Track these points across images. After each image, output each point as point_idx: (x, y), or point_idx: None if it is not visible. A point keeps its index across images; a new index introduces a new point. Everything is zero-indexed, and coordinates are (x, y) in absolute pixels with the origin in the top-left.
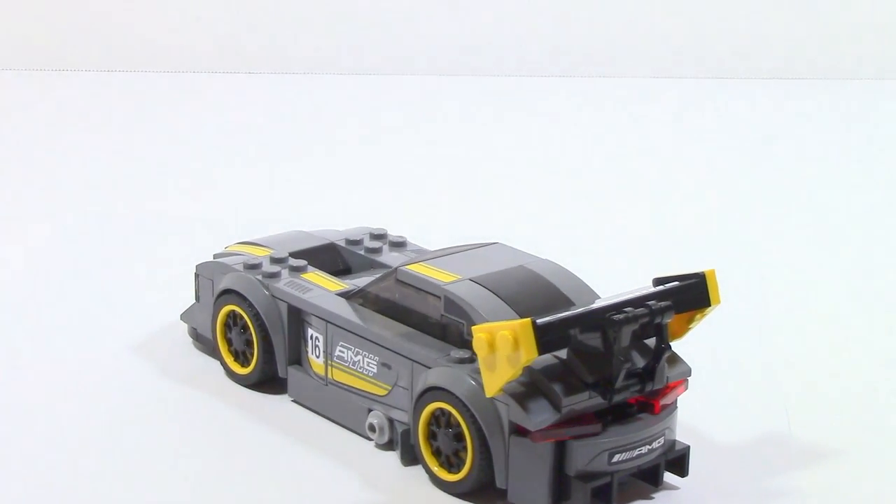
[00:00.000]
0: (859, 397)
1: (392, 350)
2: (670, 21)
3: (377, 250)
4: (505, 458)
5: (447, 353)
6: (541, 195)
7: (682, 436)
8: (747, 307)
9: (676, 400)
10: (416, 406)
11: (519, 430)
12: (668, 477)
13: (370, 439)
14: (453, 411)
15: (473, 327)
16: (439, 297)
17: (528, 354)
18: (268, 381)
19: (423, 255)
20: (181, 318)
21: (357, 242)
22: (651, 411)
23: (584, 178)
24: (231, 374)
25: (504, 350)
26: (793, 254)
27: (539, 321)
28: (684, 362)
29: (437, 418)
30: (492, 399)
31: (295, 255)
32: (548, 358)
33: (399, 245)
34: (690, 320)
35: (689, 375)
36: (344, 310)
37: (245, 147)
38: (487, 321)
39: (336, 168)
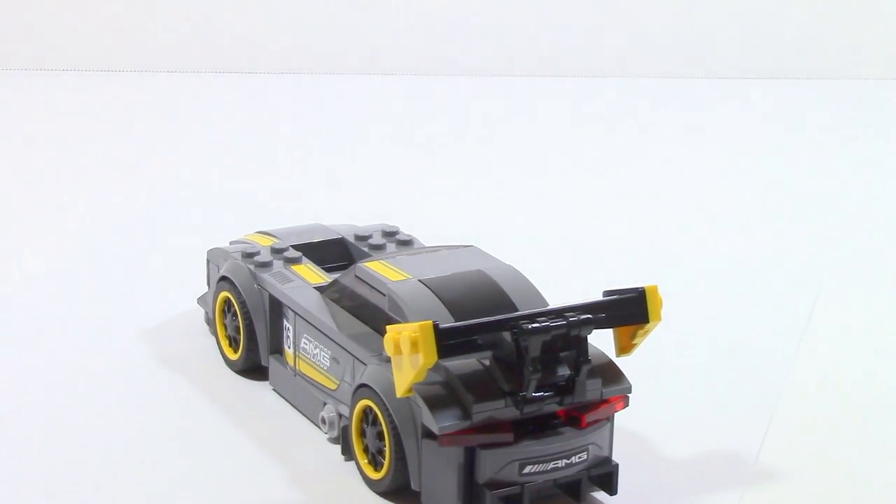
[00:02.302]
0: (853, 426)
1: (339, 345)
2: (670, 21)
3: (381, 247)
4: (418, 461)
5: (382, 351)
6: (544, 195)
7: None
8: (749, 315)
9: (612, 416)
10: (351, 402)
11: (431, 433)
12: (601, 494)
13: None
14: (377, 409)
15: (388, 327)
16: (385, 295)
17: (428, 358)
18: (257, 368)
19: (390, 253)
20: (197, 303)
21: (364, 238)
22: (578, 425)
23: (585, 178)
24: (225, 359)
25: (406, 351)
26: (793, 257)
27: (442, 325)
28: (625, 378)
29: (367, 415)
30: (409, 400)
31: (302, 247)
32: (473, 363)
33: (405, 243)
34: (633, 336)
35: (629, 392)
36: (310, 302)
37: (267, 145)
38: (417, 321)
39: (354, 165)
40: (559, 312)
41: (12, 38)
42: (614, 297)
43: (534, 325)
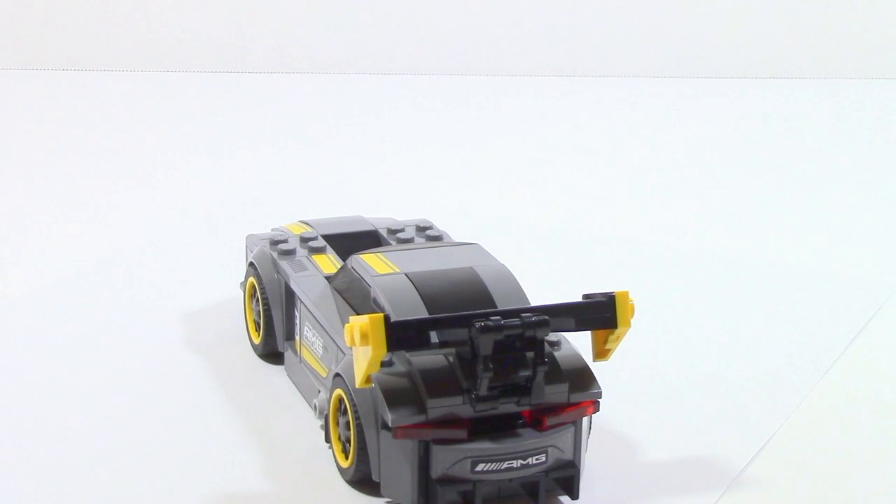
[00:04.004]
0: (857, 451)
1: (328, 334)
2: (670, 21)
3: (409, 241)
4: (377, 452)
5: None
6: (557, 195)
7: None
8: (786, 328)
9: (580, 420)
10: (330, 390)
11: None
12: (565, 498)
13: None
14: (346, 399)
15: (351, 318)
16: (370, 287)
17: (377, 349)
18: (276, 353)
19: (390, 247)
20: (239, 287)
21: (395, 232)
22: (539, 427)
23: (591, 178)
24: (251, 343)
25: (357, 342)
26: (793, 259)
27: (394, 319)
28: (596, 383)
29: (340, 404)
30: (372, 391)
31: (334, 237)
32: (440, 359)
33: (435, 238)
34: (605, 341)
35: (599, 397)
36: (314, 291)
37: (302, 142)
38: (391, 314)
39: (394, 161)
40: (516, 313)
41: (12, 38)
42: (583, 300)
43: (485, 323)
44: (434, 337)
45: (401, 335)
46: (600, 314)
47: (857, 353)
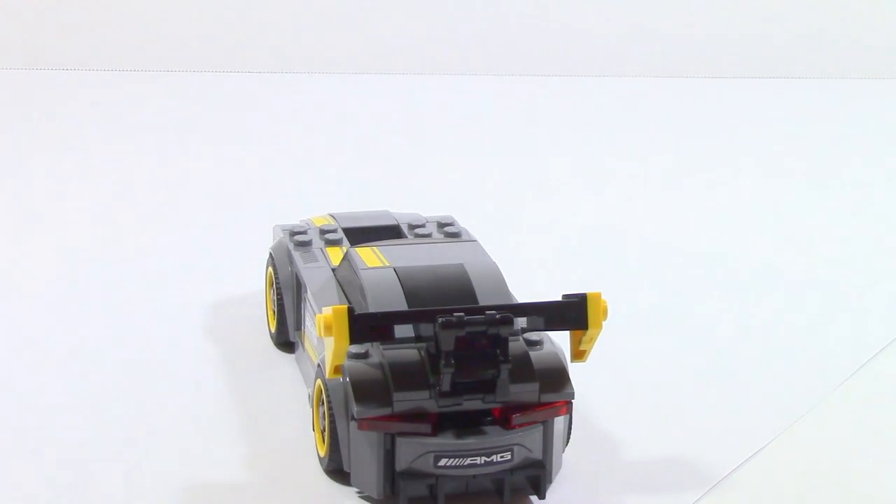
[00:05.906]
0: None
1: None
2: (670, 21)
3: (426, 237)
4: (347, 442)
5: None
6: (565, 195)
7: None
8: (753, 323)
9: (552, 421)
10: (313, 380)
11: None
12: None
13: None
14: (323, 389)
15: (323, 308)
16: (359, 279)
17: (340, 341)
18: (289, 343)
19: (389, 241)
20: None
21: (414, 227)
22: (506, 425)
23: (585, 177)
24: (269, 332)
25: (322, 333)
26: (793, 258)
27: (358, 312)
28: (569, 385)
29: (321, 393)
30: (344, 383)
31: (356, 230)
32: (413, 353)
33: (453, 235)
34: (579, 342)
35: (571, 399)
36: (316, 282)
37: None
38: (369, 307)
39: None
40: (481, 310)
41: (12, 38)
42: (553, 301)
43: (447, 319)
44: (410, 331)
45: (364, 327)
46: (570, 315)
47: (870, 372)
